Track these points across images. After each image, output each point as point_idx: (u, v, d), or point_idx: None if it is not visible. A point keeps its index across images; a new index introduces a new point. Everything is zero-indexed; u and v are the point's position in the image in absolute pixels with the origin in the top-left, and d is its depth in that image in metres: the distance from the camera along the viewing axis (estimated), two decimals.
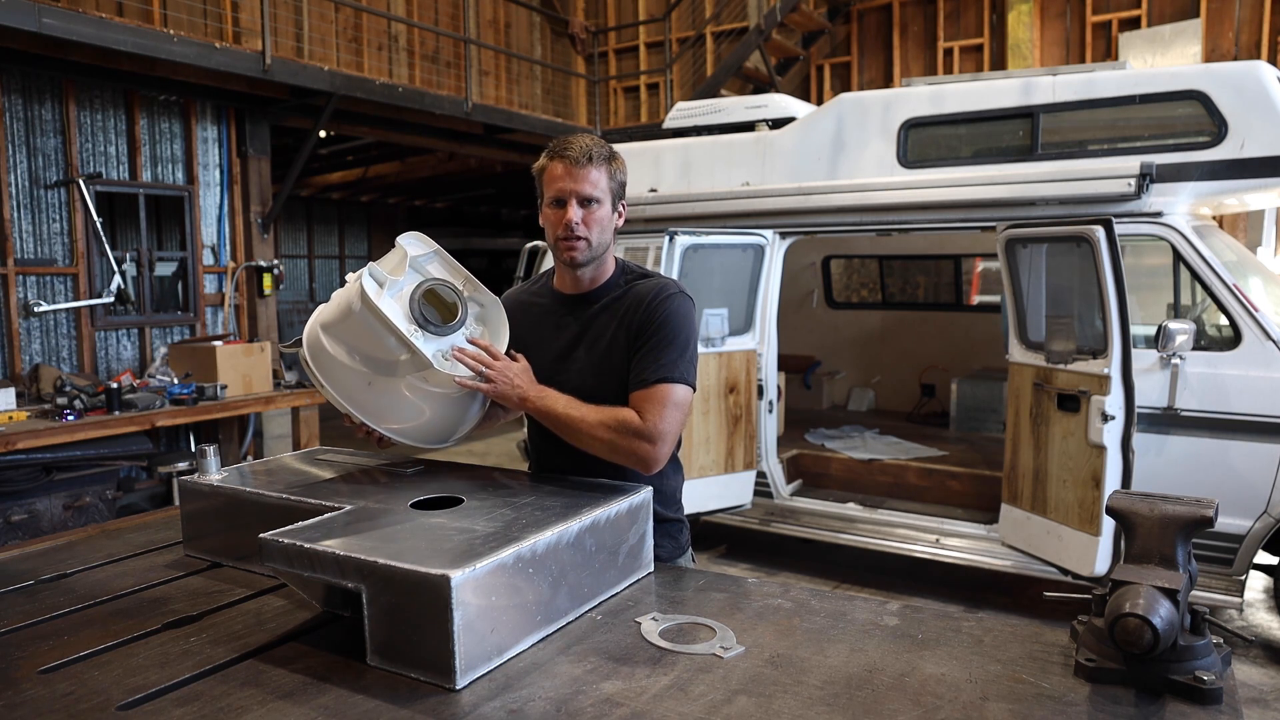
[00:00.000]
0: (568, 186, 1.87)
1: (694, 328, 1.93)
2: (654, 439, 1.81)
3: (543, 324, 2.03)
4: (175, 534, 2.00)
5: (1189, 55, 7.91)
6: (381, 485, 1.82)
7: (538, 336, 2.03)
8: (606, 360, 1.93)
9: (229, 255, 7.01)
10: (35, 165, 5.87)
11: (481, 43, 9.47)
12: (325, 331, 1.86)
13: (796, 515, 5.12)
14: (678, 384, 1.85)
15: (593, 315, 1.97)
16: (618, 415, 1.83)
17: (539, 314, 2.06)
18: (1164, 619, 1.19)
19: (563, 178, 1.88)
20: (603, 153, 1.89)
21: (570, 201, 1.88)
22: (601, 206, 1.90)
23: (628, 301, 1.94)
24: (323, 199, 14.19)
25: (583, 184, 1.87)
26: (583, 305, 2.00)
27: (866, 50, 9.70)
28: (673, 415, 1.84)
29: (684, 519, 2.09)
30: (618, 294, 1.97)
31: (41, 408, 5.21)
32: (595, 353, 1.94)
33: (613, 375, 1.91)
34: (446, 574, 1.25)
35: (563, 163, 1.88)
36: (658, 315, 1.88)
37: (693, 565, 2.09)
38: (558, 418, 1.86)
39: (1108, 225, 3.76)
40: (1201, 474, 3.92)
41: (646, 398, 1.84)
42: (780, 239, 5.16)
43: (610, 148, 1.93)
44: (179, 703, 1.24)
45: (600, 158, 1.88)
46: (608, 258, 1.99)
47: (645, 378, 1.85)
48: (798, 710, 1.22)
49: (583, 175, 1.87)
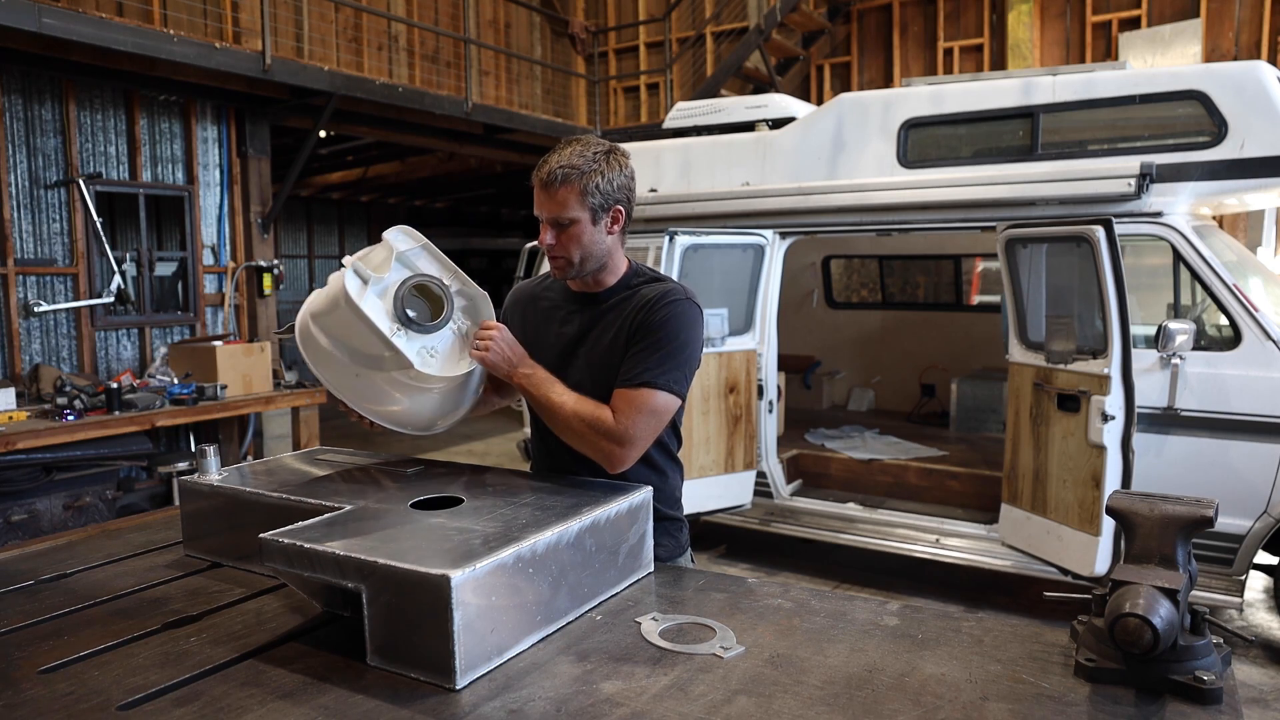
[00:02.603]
0: (541, 209, 1.87)
1: (696, 336, 1.90)
2: (622, 441, 1.82)
3: (549, 319, 2.04)
4: (175, 534, 2.00)
5: (1189, 55, 7.91)
6: (381, 485, 1.82)
7: (543, 331, 2.03)
8: (607, 360, 1.92)
9: (229, 255, 7.01)
10: (35, 165, 5.87)
11: (481, 43, 9.46)
12: (314, 321, 1.86)
13: (796, 515, 5.12)
14: (660, 390, 1.83)
15: (598, 315, 1.97)
16: (596, 410, 1.84)
17: (546, 309, 2.06)
18: (1164, 619, 1.19)
19: (537, 199, 1.88)
20: (574, 169, 1.82)
21: (545, 224, 1.88)
22: (576, 225, 1.85)
23: (633, 303, 1.93)
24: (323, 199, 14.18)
25: (551, 207, 1.85)
26: (590, 304, 1.99)
27: (866, 50, 9.70)
28: (647, 421, 1.83)
29: (683, 518, 2.09)
30: (625, 295, 1.96)
31: (41, 408, 5.21)
32: (596, 352, 1.94)
33: (613, 375, 1.91)
34: (446, 574, 1.25)
35: (537, 183, 1.87)
36: (656, 318, 1.87)
37: (692, 565, 2.09)
38: (540, 399, 1.87)
39: (1108, 225, 3.76)
40: (1201, 474, 3.92)
41: (626, 399, 1.83)
42: (780, 239, 5.16)
43: (590, 156, 1.85)
44: (179, 703, 1.24)
45: (571, 175, 1.81)
46: (611, 261, 1.96)
47: (630, 378, 1.85)
48: (798, 710, 1.22)
49: (550, 198, 1.85)
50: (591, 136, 1.94)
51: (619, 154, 1.91)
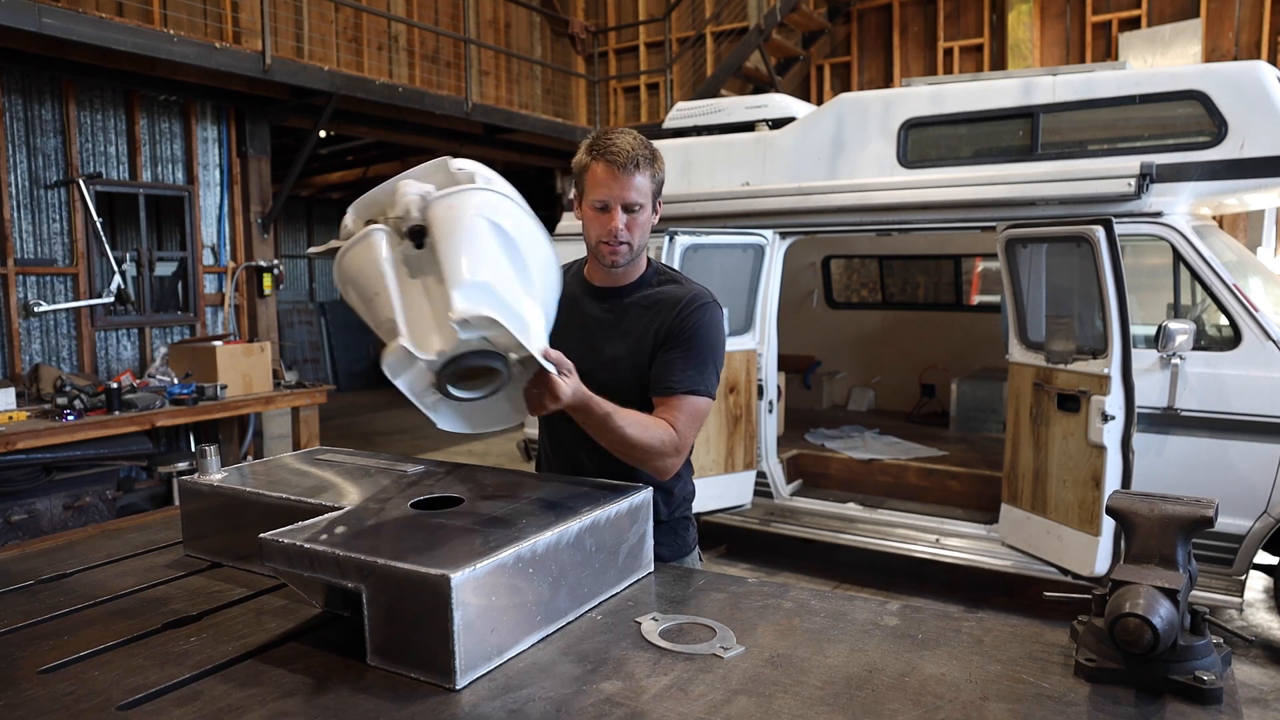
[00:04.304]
0: (613, 193, 1.82)
1: (724, 339, 1.93)
2: (679, 450, 1.85)
3: (573, 311, 1.97)
4: (175, 534, 2.00)
5: (1189, 55, 7.91)
6: (381, 485, 1.82)
7: (568, 323, 1.97)
8: (633, 356, 1.92)
9: (229, 255, 7.01)
10: (35, 165, 5.87)
11: (481, 43, 9.46)
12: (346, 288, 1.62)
13: (796, 515, 5.11)
14: (703, 396, 1.86)
15: (625, 308, 1.96)
16: (657, 428, 1.81)
17: (568, 300, 1.98)
18: (1164, 619, 1.19)
19: (606, 182, 1.82)
20: (646, 156, 1.84)
21: (615, 208, 1.84)
22: (644, 211, 1.86)
23: (660, 302, 1.93)
24: (323, 199, 14.18)
25: (628, 190, 1.82)
26: (615, 298, 1.98)
27: (866, 50, 9.70)
28: (696, 427, 1.87)
29: (693, 517, 2.11)
30: (649, 291, 1.96)
31: (41, 408, 5.21)
32: (625, 346, 1.94)
33: (637, 372, 1.91)
34: (446, 574, 1.25)
35: (606, 166, 1.82)
36: (691, 323, 1.87)
37: (700, 563, 2.10)
38: (597, 426, 1.76)
39: (1108, 225, 3.76)
40: (1201, 474, 3.92)
41: (676, 407, 1.84)
42: (780, 239, 5.16)
43: (652, 148, 1.87)
44: (179, 703, 1.24)
45: (645, 161, 1.83)
46: (642, 254, 1.98)
47: (673, 385, 1.84)
48: (798, 710, 1.21)
49: (627, 182, 1.81)
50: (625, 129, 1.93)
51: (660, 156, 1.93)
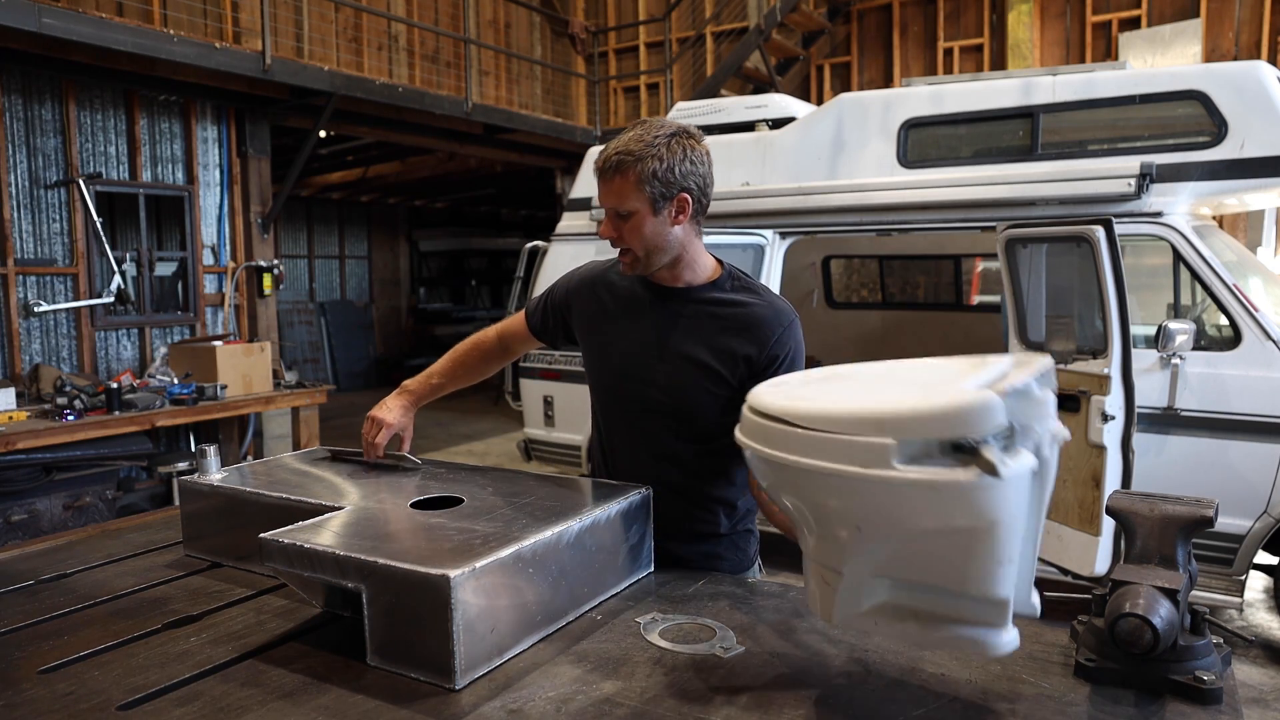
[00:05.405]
0: (602, 200, 1.79)
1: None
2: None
3: (625, 308, 1.91)
4: (175, 534, 2.00)
5: (1189, 55, 7.91)
6: (381, 485, 1.82)
7: (618, 320, 1.91)
8: (694, 363, 1.82)
9: (229, 255, 7.01)
10: (35, 165, 5.86)
11: (481, 43, 9.46)
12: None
13: None
14: None
15: (694, 311, 1.85)
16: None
17: (625, 295, 1.92)
18: (1164, 619, 1.19)
19: (598, 189, 1.79)
20: (629, 156, 1.71)
21: (608, 216, 1.80)
22: (636, 215, 1.74)
23: (740, 317, 1.82)
24: (323, 199, 14.18)
25: (609, 196, 1.76)
26: (674, 300, 1.87)
27: (866, 50, 9.70)
28: None
29: (755, 530, 2.05)
30: (724, 296, 1.85)
31: (41, 408, 5.21)
32: (692, 348, 1.83)
33: (698, 377, 1.81)
34: (446, 574, 1.25)
35: (595, 172, 1.78)
36: (788, 347, 1.82)
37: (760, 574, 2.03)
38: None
39: (1108, 225, 3.76)
40: (1201, 474, 3.92)
41: None
42: (780, 239, 5.16)
43: (650, 140, 1.71)
44: (179, 703, 1.24)
45: (626, 163, 1.71)
46: (688, 255, 1.84)
47: None
48: (798, 710, 1.21)
49: (606, 188, 1.76)
50: (660, 119, 1.79)
51: (687, 137, 1.75)
